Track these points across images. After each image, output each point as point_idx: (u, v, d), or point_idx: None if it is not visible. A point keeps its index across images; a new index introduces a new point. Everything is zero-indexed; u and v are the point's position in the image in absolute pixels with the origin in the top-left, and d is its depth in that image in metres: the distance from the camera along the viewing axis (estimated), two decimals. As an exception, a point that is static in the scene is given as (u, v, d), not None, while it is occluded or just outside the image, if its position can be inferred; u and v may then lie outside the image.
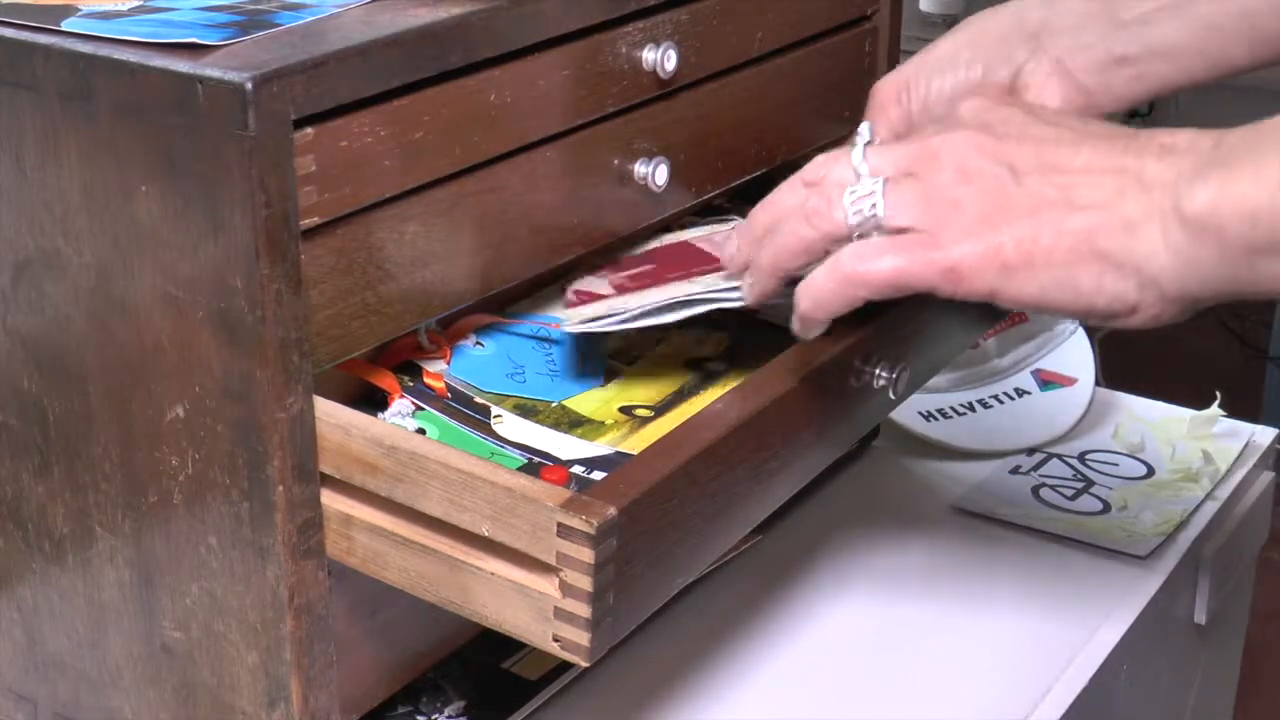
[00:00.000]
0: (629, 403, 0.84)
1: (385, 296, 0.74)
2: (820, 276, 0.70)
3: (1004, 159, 0.68)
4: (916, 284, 0.68)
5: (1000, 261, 0.66)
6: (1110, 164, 0.66)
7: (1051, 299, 0.67)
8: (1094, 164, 0.66)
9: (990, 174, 0.68)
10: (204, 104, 0.66)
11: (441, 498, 0.69)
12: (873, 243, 0.69)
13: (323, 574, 0.74)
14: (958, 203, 0.68)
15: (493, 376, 0.84)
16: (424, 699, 0.87)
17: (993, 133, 0.69)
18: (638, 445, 0.79)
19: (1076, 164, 0.67)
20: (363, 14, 0.74)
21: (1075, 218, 0.66)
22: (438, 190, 0.75)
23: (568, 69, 0.80)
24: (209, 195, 0.67)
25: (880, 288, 0.69)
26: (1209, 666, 1.17)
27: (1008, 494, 1.11)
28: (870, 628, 0.98)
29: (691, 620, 0.97)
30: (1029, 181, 0.67)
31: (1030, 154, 0.68)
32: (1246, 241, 0.62)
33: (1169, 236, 0.64)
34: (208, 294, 0.69)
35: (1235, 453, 1.15)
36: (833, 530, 1.08)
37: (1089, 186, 0.66)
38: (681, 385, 0.86)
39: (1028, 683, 0.92)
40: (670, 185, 0.88)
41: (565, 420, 0.82)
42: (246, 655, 0.75)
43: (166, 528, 0.75)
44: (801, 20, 0.97)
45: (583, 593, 0.66)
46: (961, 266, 0.67)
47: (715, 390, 0.85)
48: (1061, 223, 0.66)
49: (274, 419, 0.70)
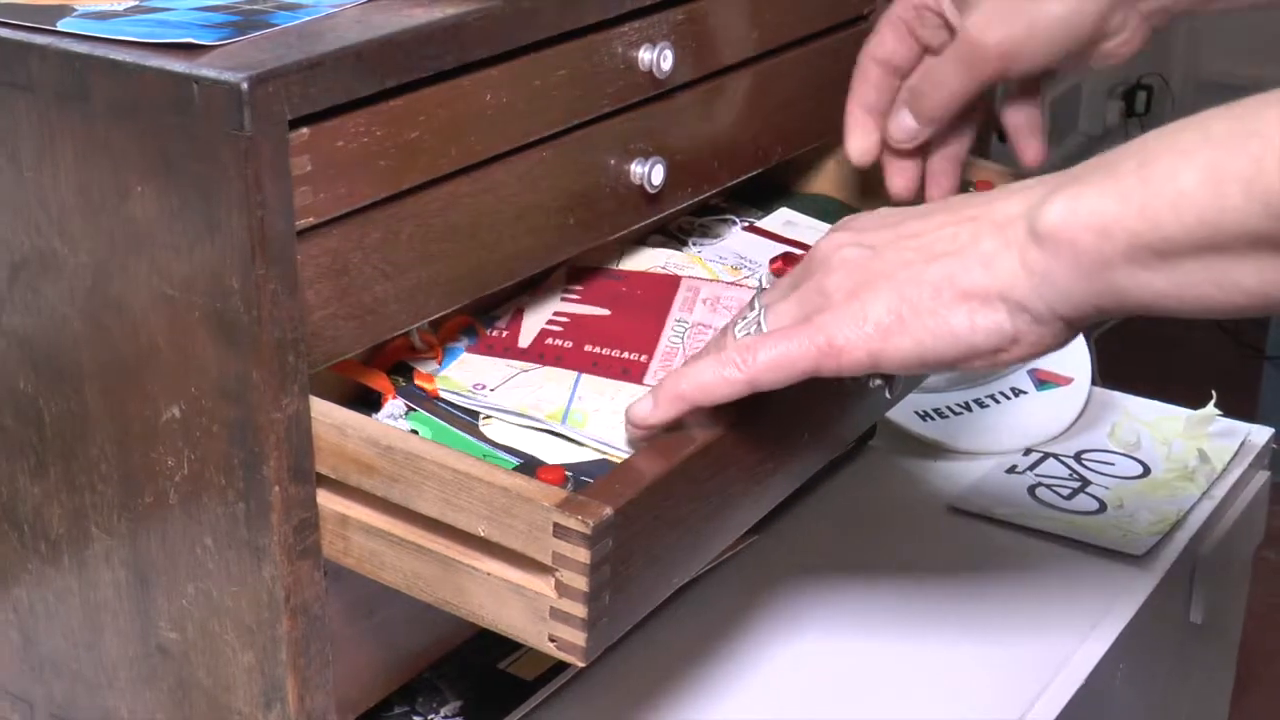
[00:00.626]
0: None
1: (381, 297, 0.74)
2: (705, 365, 0.72)
3: (865, 243, 0.71)
4: (800, 365, 0.70)
5: (872, 327, 0.68)
6: (963, 215, 0.69)
7: (931, 350, 0.68)
8: (947, 220, 0.69)
9: (853, 259, 0.71)
10: (200, 104, 0.66)
11: (437, 498, 0.69)
12: (756, 336, 0.72)
13: (319, 574, 0.74)
14: (825, 290, 0.71)
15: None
16: (420, 699, 0.87)
17: (853, 227, 0.73)
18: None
19: (930, 225, 0.70)
20: (358, 14, 0.74)
21: (934, 267, 0.68)
22: (433, 191, 0.75)
23: (563, 69, 0.80)
24: (205, 195, 0.67)
25: (765, 372, 0.71)
26: (1205, 665, 1.17)
27: (1004, 493, 1.11)
28: (866, 627, 0.98)
29: (688, 620, 0.97)
30: (887, 253, 0.70)
31: (889, 232, 0.71)
32: (1100, 255, 0.63)
33: (1026, 258, 0.65)
34: (203, 294, 0.69)
35: (1231, 452, 1.15)
36: (829, 530, 1.08)
37: (943, 239, 0.68)
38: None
39: (1024, 682, 0.92)
40: (666, 185, 0.88)
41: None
42: (242, 655, 0.75)
43: (162, 528, 0.75)
44: (798, 20, 0.97)
45: (579, 593, 0.66)
46: (836, 340, 0.69)
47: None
48: (922, 276, 0.68)
49: (270, 419, 0.70)
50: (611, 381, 0.83)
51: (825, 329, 0.69)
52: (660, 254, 0.97)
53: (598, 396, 0.82)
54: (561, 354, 0.85)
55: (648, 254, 0.97)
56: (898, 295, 0.68)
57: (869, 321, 0.68)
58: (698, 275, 0.94)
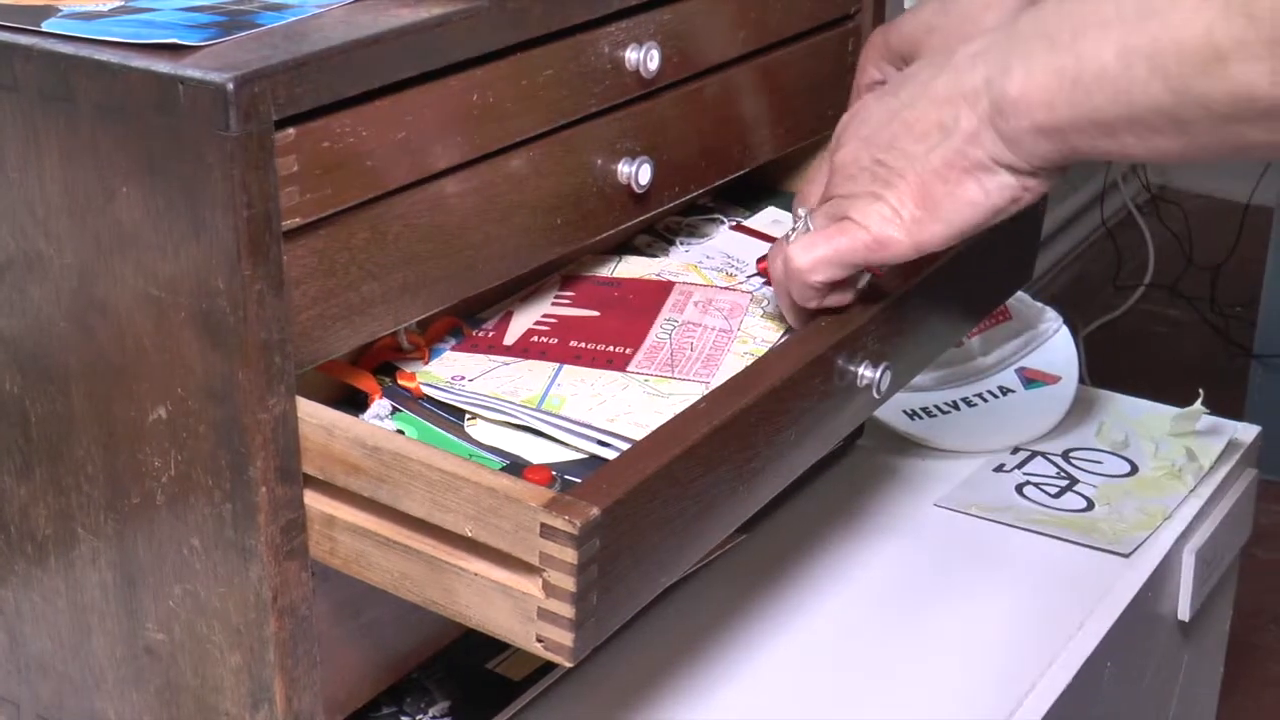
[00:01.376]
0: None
1: (368, 297, 0.74)
2: (780, 275, 0.84)
3: (874, 147, 0.79)
4: (852, 259, 0.81)
5: (908, 218, 0.78)
6: (943, 97, 0.76)
7: (961, 224, 0.77)
8: (930, 110, 0.76)
9: (868, 165, 0.79)
10: (185, 105, 0.65)
11: (424, 498, 0.69)
12: (809, 235, 0.82)
13: (306, 575, 0.74)
14: (856, 196, 0.80)
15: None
16: (408, 700, 0.87)
17: (859, 134, 0.81)
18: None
19: (918, 114, 0.77)
20: (344, 14, 0.73)
21: (935, 155, 0.76)
22: (420, 191, 0.75)
23: (550, 69, 0.80)
24: (190, 196, 0.67)
25: (821, 265, 0.81)
26: (1192, 663, 1.17)
27: (992, 492, 1.11)
28: (855, 626, 0.98)
29: (676, 619, 0.97)
30: (894, 153, 0.78)
31: (889, 132, 0.78)
32: (1051, 124, 0.71)
33: (998, 128, 0.74)
34: (189, 295, 0.69)
35: (1218, 450, 1.15)
36: (817, 529, 1.08)
37: (935, 127, 0.76)
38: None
39: (1012, 679, 0.93)
40: (654, 185, 0.88)
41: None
42: (230, 657, 0.75)
43: (149, 529, 0.75)
44: (784, 20, 0.97)
45: (566, 593, 0.66)
46: (880, 236, 0.79)
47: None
48: (929, 166, 0.77)
49: (256, 420, 0.70)
50: (593, 370, 0.83)
51: (870, 227, 0.79)
52: (655, 263, 0.97)
53: (578, 383, 0.82)
54: (546, 349, 0.86)
55: (642, 262, 0.97)
56: (919, 187, 0.77)
57: (903, 218, 0.78)
58: (692, 281, 0.95)
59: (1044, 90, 0.71)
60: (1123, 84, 0.67)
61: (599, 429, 0.78)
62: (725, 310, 0.91)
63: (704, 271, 0.97)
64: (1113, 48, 0.67)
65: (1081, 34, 0.69)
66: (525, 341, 0.86)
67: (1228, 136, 0.66)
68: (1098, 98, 0.69)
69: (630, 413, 0.80)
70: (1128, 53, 0.67)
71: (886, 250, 0.79)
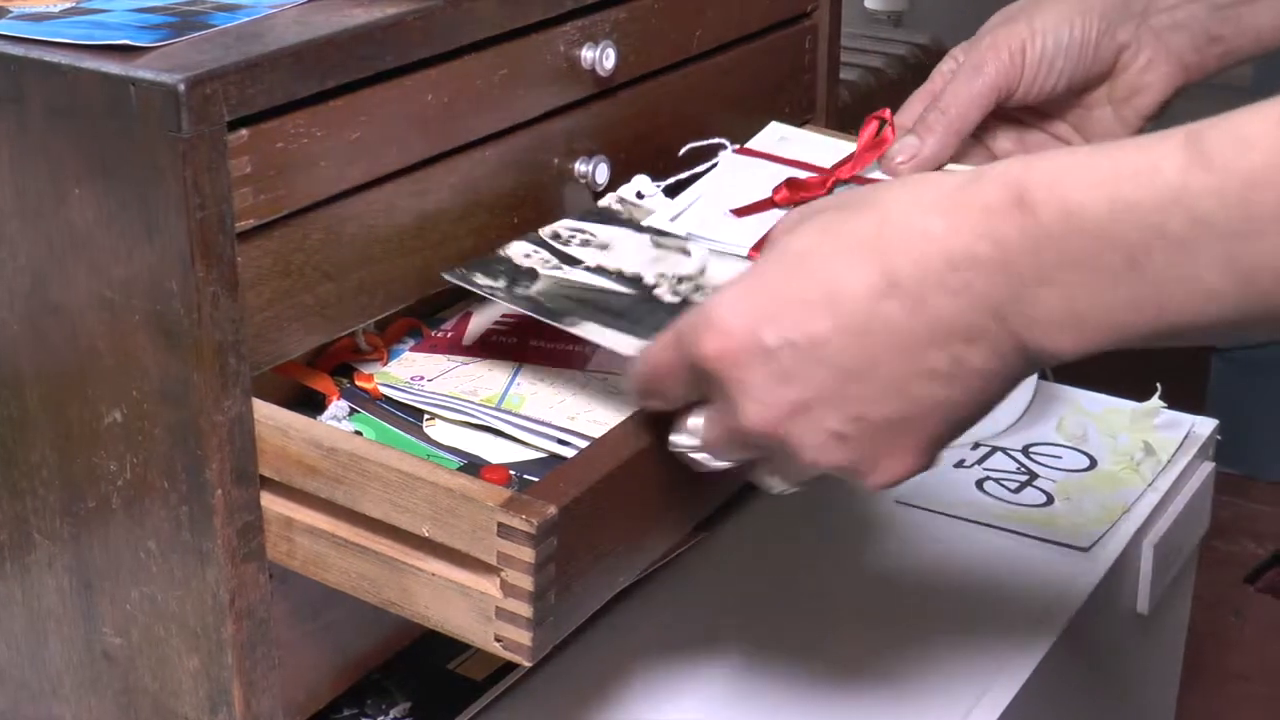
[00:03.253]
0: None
1: (324, 298, 0.74)
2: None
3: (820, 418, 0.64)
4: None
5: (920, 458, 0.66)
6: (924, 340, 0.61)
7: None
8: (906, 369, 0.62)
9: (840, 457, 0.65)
10: (136, 106, 0.65)
11: (381, 499, 0.69)
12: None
13: (264, 577, 0.74)
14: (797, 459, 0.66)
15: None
16: (369, 701, 0.87)
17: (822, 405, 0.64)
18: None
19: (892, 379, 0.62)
20: (298, 14, 0.73)
21: (939, 413, 0.64)
22: (375, 191, 0.75)
23: (505, 68, 0.80)
24: (143, 198, 0.67)
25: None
26: (1152, 656, 1.18)
27: (952, 488, 1.11)
28: (814, 623, 0.98)
29: (637, 618, 0.97)
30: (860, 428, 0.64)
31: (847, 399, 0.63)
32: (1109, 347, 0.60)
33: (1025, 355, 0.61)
34: (143, 297, 0.69)
35: (1176, 444, 1.15)
36: (778, 526, 1.08)
37: (929, 386, 0.62)
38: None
39: (973, 674, 0.93)
40: (611, 184, 0.88)
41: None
42: (188, 660, 0.75)
43: (105, 533, 0.75)
44: (741, 18, 0.97)
45: (524, 592, 0.66)
46: (907, 474, 0.66)
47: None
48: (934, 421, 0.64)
49: (212, 422, 0.69)
50: (552, 369, 0.83)
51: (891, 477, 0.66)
52: None
53: (537, 382, 0.82)
54: (506, 348, 0.86)
55: None
56: (926, 449, 0.65)
57: (913, 474, 0.66)
58: None
59: (1103, 333, 0.58)
60: (1242, 304, 0.56)
61: (559, 428, 0.78)
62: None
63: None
64: (1217, 271, 0.55)
65: (1145, 259, 0.56)
66: (484, 341, 0.86)
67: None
68: (1197, 320, 0.57)
69: (590, 411, 0.80)
70: (1249, 273, 0.55)
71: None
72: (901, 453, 0.64)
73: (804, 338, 0.62)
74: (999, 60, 0.88)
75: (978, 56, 0.89)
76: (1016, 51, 0.88)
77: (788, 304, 0.63)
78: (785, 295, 0.63)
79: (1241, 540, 2.37)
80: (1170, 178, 0.55)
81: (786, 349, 0.62)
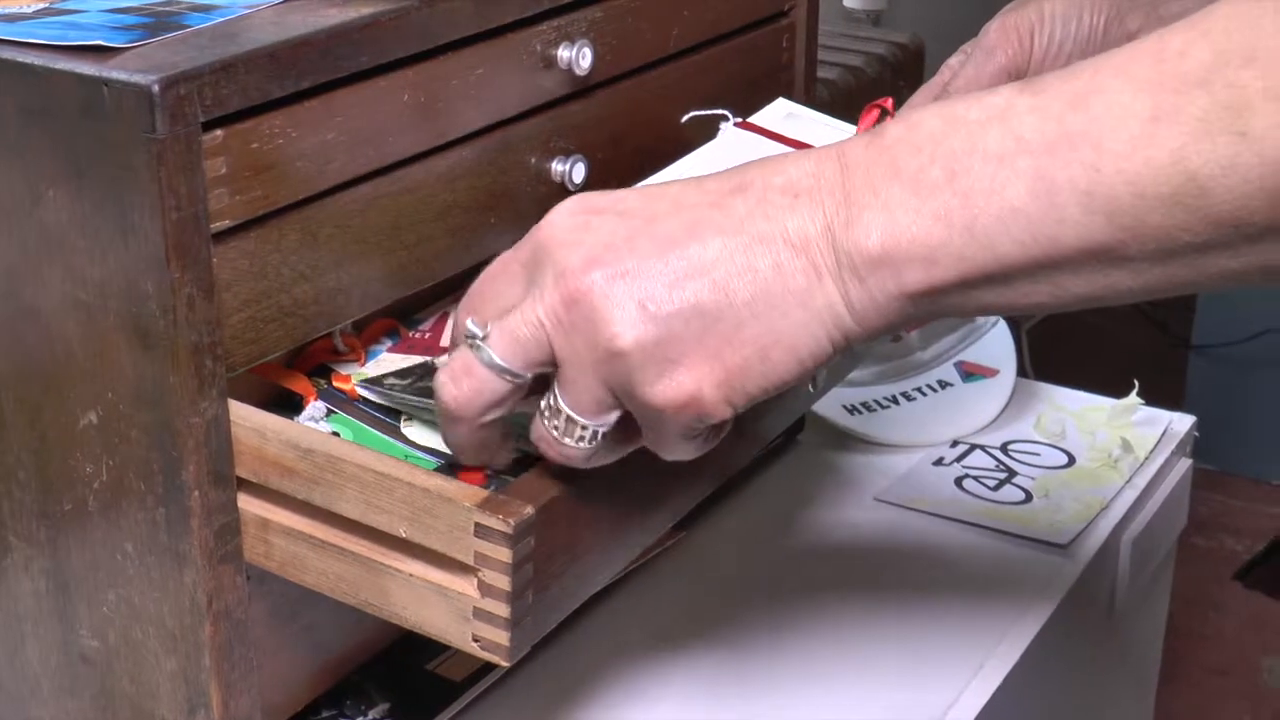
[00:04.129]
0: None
1: (300, 299, 0.73)
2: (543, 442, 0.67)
3: (647, 303, 0.61)
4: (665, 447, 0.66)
5: (709, 405, 0.62)
6: (746, 233, 0.61)
7: (777, 385, 0.62)
8: (730, 245, 0.61)
9: (645, 336, 0.61)
10: (110, 107, 0.65)
11: (358, 500, 0.69)
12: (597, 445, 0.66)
13: (241, 579, 0.74)
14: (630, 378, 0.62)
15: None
16: (348, 702, 0.87)
17: (613, 274, 0.61)
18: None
19: (711, 253, 0.61)
20: (273, 15, 0.73)
21: (750, 327, 0.61)
22: (352, 192, 0.75)
23: (481, 68, 0.80)
24: (118, 199, 0.67)
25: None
26: (1130, 651, 1.18)
27: (931, 485, 1.12)
28: (794, 621, 0.98)
29: (617, 618, 0.97)
30: (681, 320, 0.61)
31: (659, 274, 0.61)
32: (928, 284, 0.59)
33: (846, 293, 0.60)
34: (119, 299, 0.68)
35: (1154, 440, 1.16)
36: (758, 525, 1.08)
37: (740, 277, 0.60)
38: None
39: (952, 670, 0.93)
40: (588, 183, 0.88)
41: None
42: (165, 662, 0.75)
43: (82, 535, 0.75)
44: (718, 16, 0.98)
45: (501, 592, 0.66)
46: (699, 396, 0.62)
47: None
48: (739, 337, 0.61)
49: (188, 424, 0.69)
50: None
51: (662, 431, 0.64)
52: None
53: None
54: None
55: None
56: (722, 369, 0.61)
57: (704, 404, 0.62)
58: None
59: (920, 245, 0.58)
60: (1044, 226, 0.56)
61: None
62: None
63: None
64: (1023, 184, 0.56)
65: (963, 171, 0.57)
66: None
67: (1192, 269, 0.56)
68: (1003, 244, 0.57)
69: None
70: (1051, 190, 0.56)
71: (702, 411, 0.63)
72: (698, 361, 0.61)
73: (643, 214, 0.62)
74: (1009, 44, 0.88)
75: (989, 41, 0.89)
76: (1025, 36, 0.88)
77: (633, 196, 0.64)
78: (631, 193, 0.64)
79: (1220, 536, 2.38)
80: (999, 99, 0.58)
81: (611, 216, 0.63)
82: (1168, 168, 0.54)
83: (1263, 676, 2.13)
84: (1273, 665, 2.14)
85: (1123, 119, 0.55)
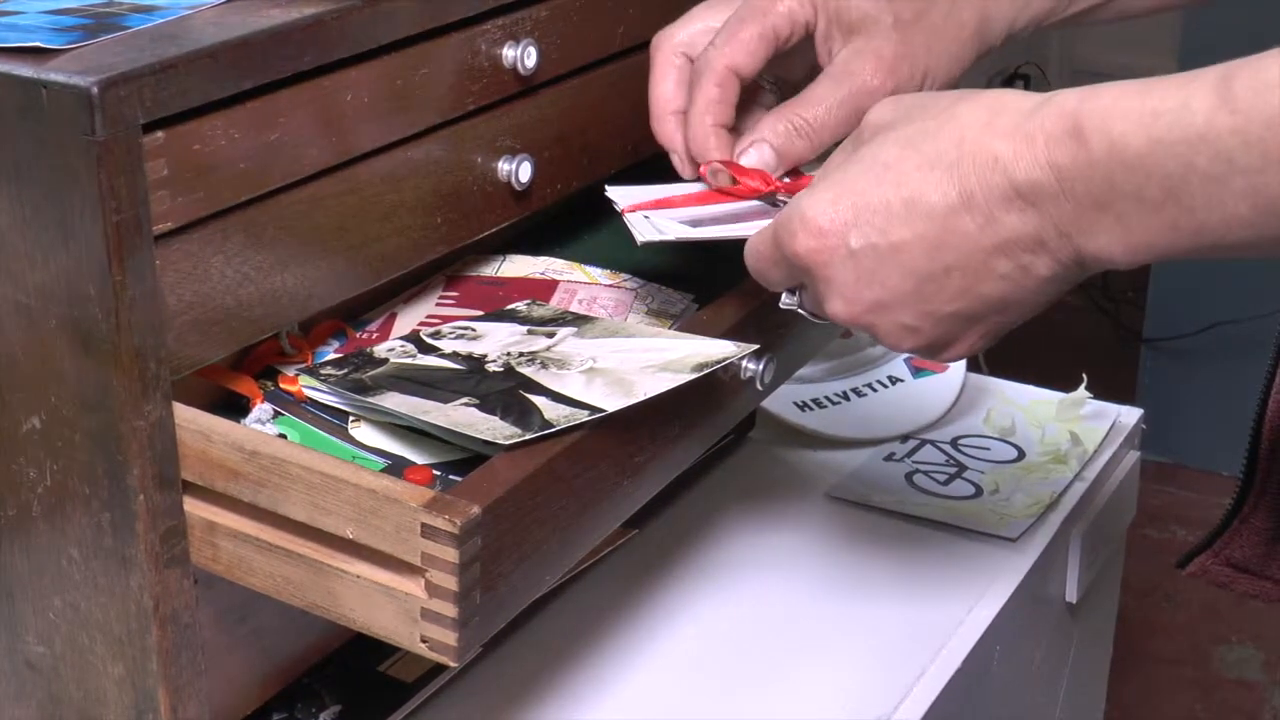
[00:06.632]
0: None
1: (245, 301, 0.73)
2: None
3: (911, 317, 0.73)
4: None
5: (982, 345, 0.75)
6: (990, 247, 0.69)
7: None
8: (969, 260, 0.70)
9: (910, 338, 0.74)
10: (49, 109, 0.64)
11: (305, 501, 0.68)
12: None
13: (188, 582, 0.73)
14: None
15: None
16: (299, 704, 0.87)
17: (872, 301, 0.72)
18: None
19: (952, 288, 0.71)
20: (214, 15, 0.73)
21: (1007, 313, 0.72)
22: (296, 192, 0.75)
23: (425, 68, 0.80)
24: (58, 202, 0.66)
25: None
26: (1082, 644, 1.19)
27: (882, 481, 1.12)
28: (746, 618, 0.98)
29: (568, 617, 0.97)
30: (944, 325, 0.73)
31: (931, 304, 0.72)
32: (1153, 258, 0.67)
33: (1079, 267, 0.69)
34: (60, 303, 0.68)
35: (1102, 433, 1.17)
36: (709, 522, 1.08)
37: (994, 289, 0.70)
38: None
39: (903, 665, 0.94)
40: (535, 183, 0.88)
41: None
42: (112, 668, 0.74)
43: (27, 541, 0.74)
44: (663, 15, 0.97)
45: (449, 592, 0.66)
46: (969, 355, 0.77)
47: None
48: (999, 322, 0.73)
49: (133, 427, 0.69)
50: None
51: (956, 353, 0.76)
52: (539, 261, 0.97)
53: None
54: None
55: (526, 261, 0.97)
56: (987, 339, 0.75)
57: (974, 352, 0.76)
58: (577, 280, 0.95)
59: (1151, 248, 0.66)
60: (1267, 229, 0.63)
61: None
62: (609, 308, 0.91)
63: (588, 269, 0.97)
64: (1245, 202, 0.62)
65: (1183, 191, 0.63)
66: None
67: None
68: (1229, 239, 0.64)
69: None
70: (1270, 202, 0.62)
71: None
72: (967, 338, 0.74)
73: (886, 244, 0.71)
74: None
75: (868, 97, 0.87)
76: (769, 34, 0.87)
77: (873, 211, 0.71)
78: (871, 203, 0.71)
79: (1172, 528, 2.40)
80: (1199, 119, 0.62)
81: (869, 252, 0.71)
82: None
83: (1214, 666, 2.14)
84: (1224, 654, 2.16)
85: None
